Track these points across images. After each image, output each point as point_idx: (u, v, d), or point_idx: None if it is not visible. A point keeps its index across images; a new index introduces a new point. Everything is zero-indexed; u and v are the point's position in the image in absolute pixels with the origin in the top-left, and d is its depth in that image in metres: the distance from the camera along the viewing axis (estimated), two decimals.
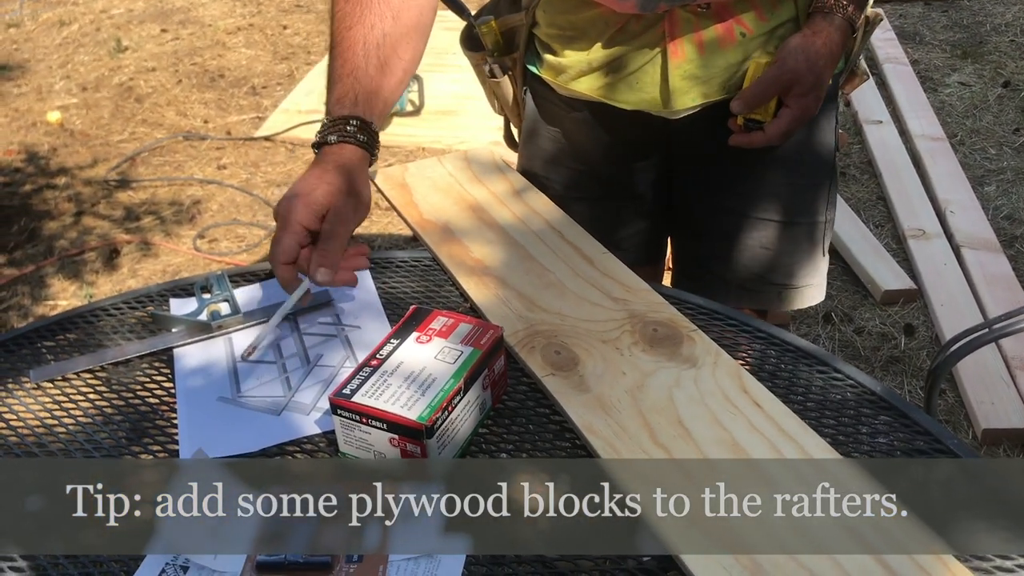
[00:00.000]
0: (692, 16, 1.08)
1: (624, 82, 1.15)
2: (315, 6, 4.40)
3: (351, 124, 0.96)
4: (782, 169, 1.20)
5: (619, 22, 1.11)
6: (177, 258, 2.67)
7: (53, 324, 1.04)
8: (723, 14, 1.08)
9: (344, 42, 0.99)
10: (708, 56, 1.10)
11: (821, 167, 1.22)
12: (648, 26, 1.10)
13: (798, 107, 1.09)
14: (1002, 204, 2.68)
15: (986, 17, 3.86)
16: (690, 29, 1.09)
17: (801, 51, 1.06)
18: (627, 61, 1.13)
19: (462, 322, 0.89)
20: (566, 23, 1.16)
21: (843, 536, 0.72)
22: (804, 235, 1.24)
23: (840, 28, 1.08)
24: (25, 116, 3.51)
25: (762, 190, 1.21)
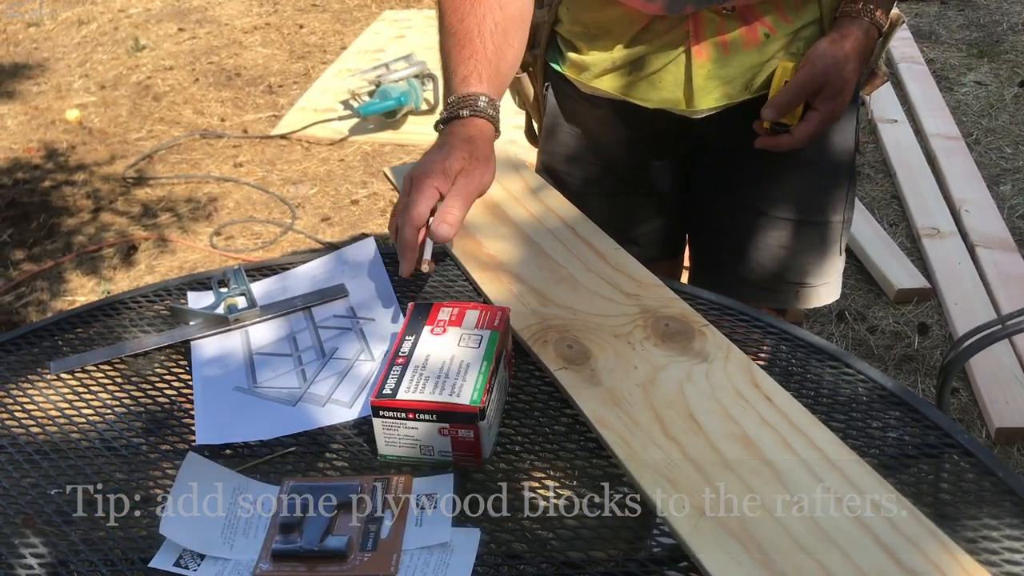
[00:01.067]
0: (717, 17, 1.09)
1: (647, 81, 1.16)
2: (331, 5, 4.42)
3: (481, 100, 1.00)
4: (801, 169, 1.20)
5: (643, 21, 1.12)
6: (194, 255, 2.70)
7: (73, 317, 1.05)
8: (748, 15, 1.09)
9: (459, 32, 1.04)
10: (731, 56, 1.11)
11: (840, 167, 1.22)
12: (672, 26, 1.10)
13: (826, 110, 1.09)
14: (1017, 203, 2.66)
15: (1003, 16, 3.84)
16: (715, 30, 1.09)
17: (830, 55, 1.07)
18: (650, 60, 1.14)
19: (468, 309, 0.91)
20: (590, 21, 1.17)
21: (854, 530, 0.72)
22: (821, 235, 1.24)
23: (867, 32, 1.08)
24: (44, 114, 3.55)
25: (781, 189, 1.22)
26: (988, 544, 0.74)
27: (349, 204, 2.90)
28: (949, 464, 0.83)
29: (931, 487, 0.80)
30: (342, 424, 0.88)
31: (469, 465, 0.82)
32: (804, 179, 1.21)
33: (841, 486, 0.76)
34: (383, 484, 0.79)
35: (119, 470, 0.85)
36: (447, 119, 1.01)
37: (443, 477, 0.81)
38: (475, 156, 0.97)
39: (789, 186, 1.21)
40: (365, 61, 3.68)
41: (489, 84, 1.02)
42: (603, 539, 0.75)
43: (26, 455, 0.87)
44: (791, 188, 1.21)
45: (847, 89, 1.09)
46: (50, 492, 0.82)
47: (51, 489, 0.83)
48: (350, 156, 3.14)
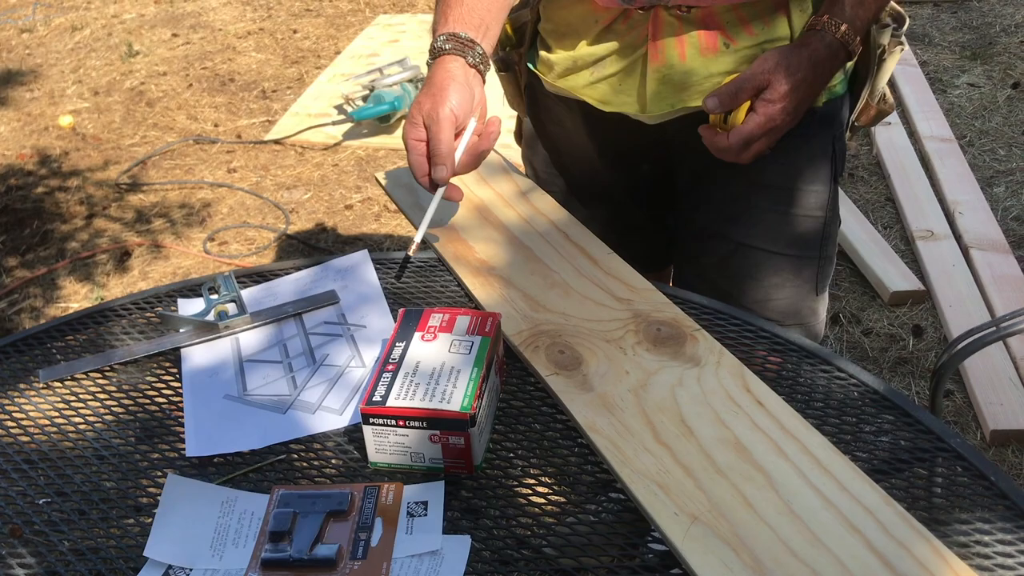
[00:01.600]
0: (675, 20, 1.07)
1: (606, 83, 1.15)
2: (325, 10, 4.42)
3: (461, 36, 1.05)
4: (771, 195, 1.15)
5: (606, 20, 1.11)
6: (187, 260, 2.69)
7: (62, 324, 1.05)
8: (709, 22, 1.06)
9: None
10: (689, 63, 1.08)
11: (816, 199, 1.16)
12: (633, 27, 1.09)
13: (764, 114, 1.01)
14: (1011, 205, 2.67)
15: (995, 18, 3.84)
16: (672, 33, 1.07)
17: (781, 56, 1.02)
18: (610, 61, 1.13)
19: (459, 315, 0.90)
20: (559, 18, 1.17)
21: (845, 534, 0.72)
22: (795, 270, 1.18)
23: (829, 46, 1.02)
24: (38, 120, 3.54)
25: (750, 215, 1.16)
26: (980, 548, 0.74)
27: (343, 209, 2.90)
28: (941, 468, 0.83)
29: (923, 491, 0.80)
30: (333, 431, 0.88)
31: (460, 472, 0.82)
32: (774, 207, 1.15)
33: (833, 491, 0.76)
34: (373, 492, 0.79)
35: (109, 479, 0.84)
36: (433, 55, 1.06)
37: (434, 484, 0.80)
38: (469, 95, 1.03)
39: (759, 212, 1.16)
40: (359, 66, 3.67)
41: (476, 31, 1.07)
42: (595, 546, 0.75)
43: (14, 464, 0.86)
44: (761, 215, 1.16)
45: (792, 96, 1.01)
46: (39, 502, 0.82)
47: (40, 499, 0.82)
48: (344, 161, 3.14)
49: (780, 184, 1.15)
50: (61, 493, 0.83)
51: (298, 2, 4.54)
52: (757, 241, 1.16)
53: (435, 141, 1.01)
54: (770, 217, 1.16)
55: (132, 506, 0.81)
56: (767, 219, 1.16)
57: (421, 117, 1.02)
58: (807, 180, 1.15)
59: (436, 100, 1.01)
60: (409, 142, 1.03)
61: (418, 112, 1.03)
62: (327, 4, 4.49)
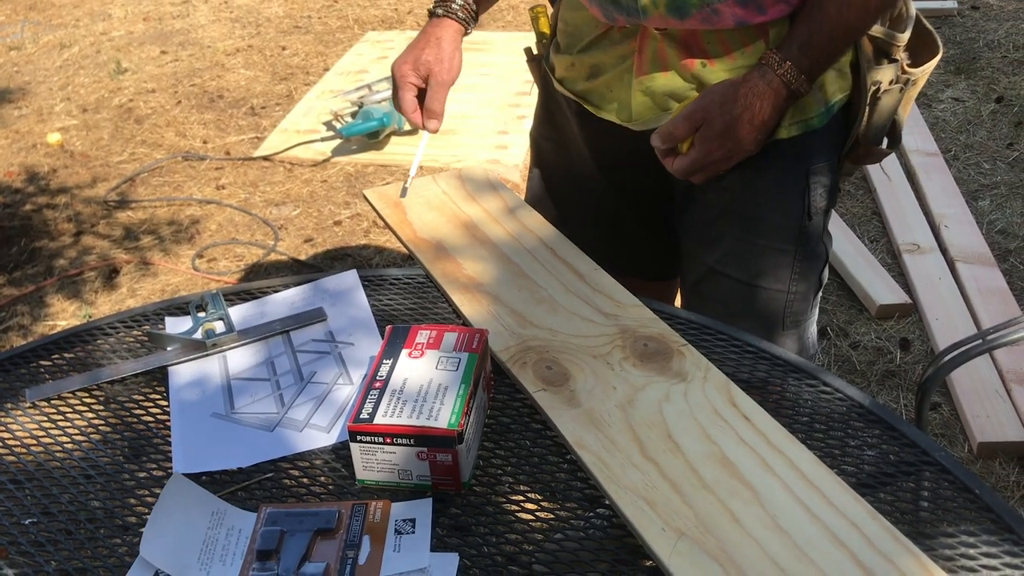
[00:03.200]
0: (659, 36, 1.09)
1: (599, 88, 1.17)
2: (313, 27, 4.43)
3: (456, 2, 1.22)
4: (740, 223, 1.15)
5: (604, 27, 1.13)
6: (176, 277, 2.68)
7: (49, 343, 1.05)
8: (690, 42, 1.08)
9: None
10: (668, 76, 1.10)
11: (783, 232, 1.14)
12: (626, 36, 1.12)
13: (701, 149, 1.05)
14: (996, 218, 2.69)
15: (979, 34, 3.88)
16: (656, 48, 1.09)
17: (719, 92, 1.03)
18: (604, 67, 1.16)
19: (446, 331, 0.91)
20: (570, 20, 1.20)
21: (831, 548, 0.72)
22: (761, 301, 1.17)
23: (770, 83, 1.02)
24: (26, 138, 3.53)
25: (722, 242, 1.17)
26: (965, 561, 0.74)
27: (332, 225, 2.90)
28: (927, 481, 0.83)
29: (909, 504, 0.81)
30: (320, 449, 0.88)
31: (448, 489, 0.82)
32: (741, 235, 1.15)
33: (819, 505, 0.76)
34: (361, 509, 0.79)
35: (96, 498, 0.84)
36: (431, 12, 1.23)
37: (422, 502, 0.80)
38: (440, 54, 1.20)
39: (727, 239, 1.16)
40: (348, 82, 3.68)
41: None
42: (583, 562, 0.75)
43: (0, 485, 0.86)
44: (728, 242, 1.16)
45: (729, 134, 1.03)
46: (25, 522, 0.82)
47: (26, 519, 0.82)
48: (333, 177, 3.14)
49: (748, 214, 1.15)
50: (47, 513, 0.82)
51: (287, 19, 4.56)
52: (726, 268, 1.17)
53: (433, 100, 1.20)
54: (739, 246, 1.16)
55: (119, 525, 0.81)
56: (736, 247, 1.16)
57: (421, 66, 1.19)
58: (774, 212, 1.14)
59: (443, 62, 1.19)
60: (404, 80, 1.20)
61: (417, 57, 1.20)
62: (316, 21, 4.51)
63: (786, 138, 1.10)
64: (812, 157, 1.13)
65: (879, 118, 1.12)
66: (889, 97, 1.11)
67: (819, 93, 1.09)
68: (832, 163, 1.16)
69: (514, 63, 3.80)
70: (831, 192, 1.17)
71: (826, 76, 1.09)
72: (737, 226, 1.15)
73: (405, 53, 1.21)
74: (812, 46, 1.02)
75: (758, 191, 1.13)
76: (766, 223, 1.14)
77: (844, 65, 1.10)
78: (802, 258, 1.16)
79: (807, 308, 1.20)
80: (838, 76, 1.10)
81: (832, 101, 1.11)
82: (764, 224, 1.15)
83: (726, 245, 1.16)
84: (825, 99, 1.10)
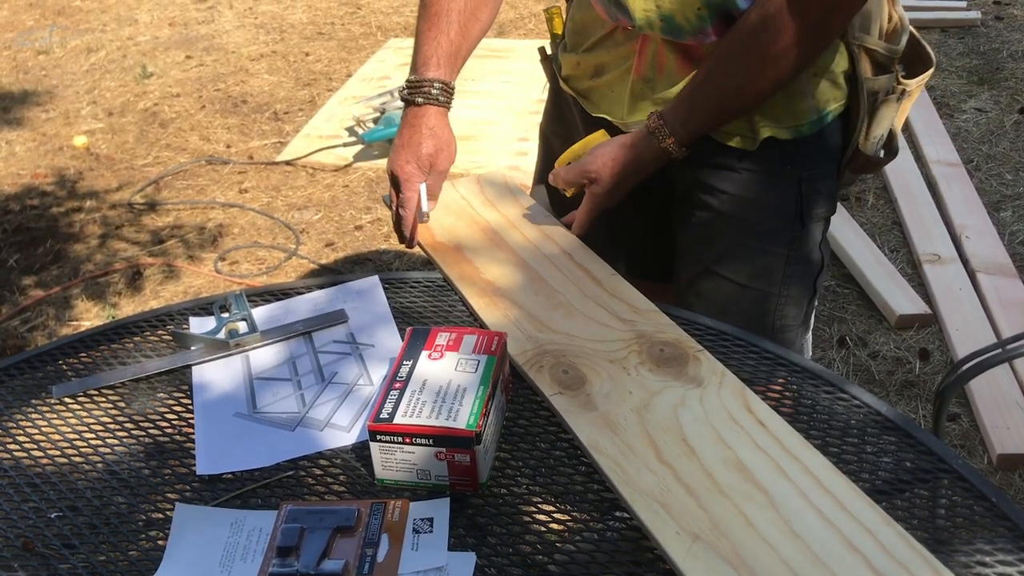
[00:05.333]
0: (660, 39, 1.10)
1: (600, 88, 1.19)
2: (337, 34, 4.47)
3: (435, 87, 1.18)
4: (736, 225, 1.17)
5: (609, 28, 1.15)
6: (199, 280, 2.71)
7: (76, 342, 1.07)
8: (689, 48, 1.09)
9: (430, 9, 1.18)
10: (664, 79, 1.12)
11: (776, 235, 1.17)
12: (629, 38, 1.13)
13: (591, 200, 1.14)
14: (1018, 230, 2.67)
15: (1003, 44, 3.86)
16: (655, 49, 1.11)
17: (613, 155, 1.11)
18: (606, 67, 1.18)
19: (466, 334, 0.92)
20: (578, 19, 1.22)
21: (846, 555, 0.73)
22: (751, 301, 1.19)
23: (654, 154, 1.10)
24: (52, 140, 3.58)
25: (718, 241, 1.18)
26: (981, 570, 0.74)
27: (353, 230, 2.92)
28: (943, 489, 0.83)
29: (925, 512, 0.81)
30: (340, 448, 0.89)
31: (466, 490, 0.83)
32: (734, 235, 1.17)
33: (834, 511, 0.77)
34: (380, 508, 0.80)
35: (120, 494, 0.85)
36: (407, 101, 1.19)
37: (440, 501, 0.82)
38: (439, 144, 1.18)
39: (721, 238, 1.18)
40: (370, 88, 3.71)
41: (446, 68, 1.18)
42: (598, 564, 0.76)
43: (27, 478, 0.88)
44: (722, 241, 1.18)
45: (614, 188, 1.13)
46: (51, 516, 0.83)
47: (52, 513, 0.84)
48: (354, 182, 3.17)
49: (742, 215, 1.16)
50: (73, 508, 0.84)
51: (310, 25, 4.60)
52: (721, 268, 1.19)
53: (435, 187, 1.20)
54: (733, 247, 1.18)
55: (143, 522, 0.82)
56: (730, 248, 1.18)
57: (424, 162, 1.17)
58: (767, 215, 1.16)
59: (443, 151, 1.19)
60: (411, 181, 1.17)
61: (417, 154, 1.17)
62: (339, 28, 4.54)
63: (778, 139, 1.11)
64: (806, 163, 1.15)
65: (878, 128, 1.14)
66: (887, 107, 1.13)
67: (810, 100, 1.11)
68: (831, 170, 1.18)
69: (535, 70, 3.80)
70: (829, 200, 1.18)
71: (818, 85, 1.10)
72: (732, 227, 1.17)
73: (401, 151, 1.18)
74: (692, 123, 1.08)
75: (753, 194, 1.15)
76: (759, 225, 1.17)
77: (837, 75, 1.11)
78: (795, 262, 1.18)
79: (799, 314, 1.22)
80: (831, 85, 1.11)
81: (825, 110, 1.12)
82: (758, 226, 1.17)
83: (720, 245, 1.19)
84: (817, 107, 1.11)
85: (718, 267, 1.19)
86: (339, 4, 4.84)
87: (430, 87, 1.17)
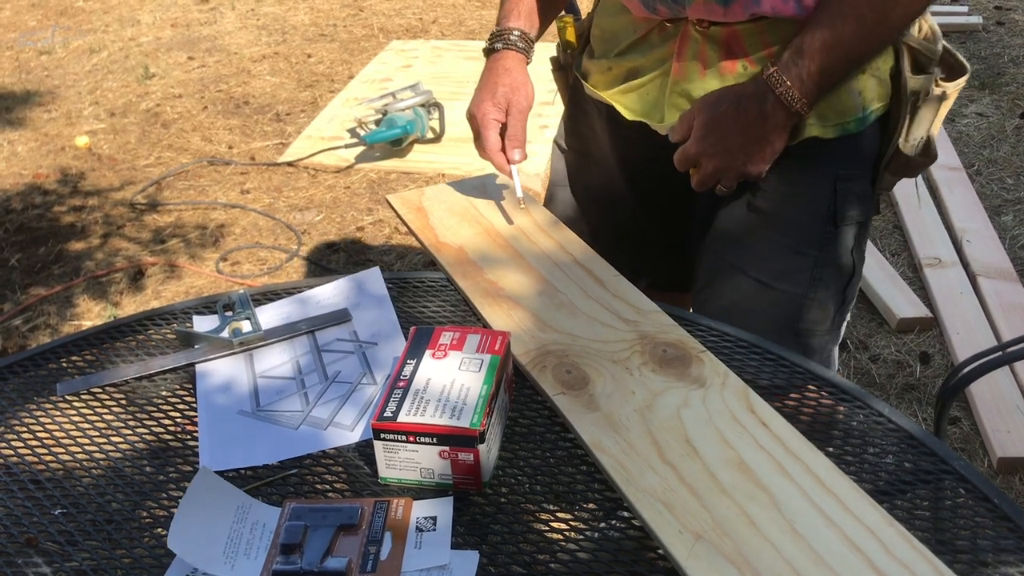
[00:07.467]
0: (700, 37, 1.10)
1: (635, 92, 1.19)
2: (339, 35, 4.47)
3: (514, 34, 1.24)
4: (764, 221, 1.15)
5: (643, 31, 1.15)
6: (200, 280, 2.72)
7: (79, 339, 1.07)
8: (732, 43, 1.09)
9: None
10: (706, 80, 1.11)
11: (805, 234, 1.15)
12: (665, 40, 1.13)
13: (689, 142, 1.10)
14: (1019, 234, 2.68)
15: (1004, 49, 3.87)
16: (695, 49, 1.11)
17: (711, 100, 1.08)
18: (642, 70, 1.17)
19: (469, 333, 0.92)
20: (606, 25, 1.22)
21: (849, 555, 0.73)
22: (774, 302, 1.16)
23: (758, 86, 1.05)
24: (55, 141, 3.59)
25: (745, 239, 1.17)
26: (983, 569, 0.74)
27: (354, 231, 2.92)
28: (945, 490, 0.84)
29: (927, 512, 0.81)
30: (344, 447, 0.89)
31: (469, 488, 0.83)
32: (763, 232, 1.16)
33: (836, 511, 0.77)
34: (383, 507, 0.80)
35: (123, 492, 0.86)
36: (488, 50, 1.25)
37: (443, 500, 0.82)
38: (515, 83, 1.21)
39: (749, 235, 1.17)
40: (372, 90, 3.72)
41: (526, 20, 1.25)
42: (602, 563, 0.76)
43: (31, 475, 0.88)
44: (750, 239, 1.17)
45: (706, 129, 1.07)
46: (54, 512, 0.83)
47: (55, 510, 0.84)
48: (356, 183, 3.17)
49: (771, 211, 1.15)
50: (76, 505, 0.84)
51: (312, 27, 4.61)
52: (745, 265, 1.17)
53: (515, 128, 1.20)
54: (761, 245, 1.16)
55: (146, 519, 0.83)
56: (758, 246, 1.16)
57: (500, 100, 1.20)
58: (798, 212, 1.14)
59: (520, 89, 1.21)
60: (487, 120, 1.21)
61: (493, 92, 1.21)
62: (341, 29, 4.55)
63: (820, 138, 1.10)
64: (843, 162, 1.14)
65: (918, 129, 1.14)
66: (927, 109, 1.12)
67: (857, 98, 1.10)
68: (865, 172, 1.16)
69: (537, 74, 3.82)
70: (862, 203, 1.16)
71: (865, 82, 1.10)
72: (762, 224, 1.16)
73: (479, 94, 1.22)
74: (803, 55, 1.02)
75: (787, 191, 1.14)
76: (789, 223, 1.15)
77: (884, 73, 1.11)
78: (823, 264, 1.15)
79: (826, 320, 1.18)
80: (877, 84, 1.11)
81: (869, 108, 1.12)
82: (789, 224, 1.15)
83: (747, 242, 1.17)
84: (863, 104, 1.11)
85: (744, 265, 1.17)
86: (341, 6, 4.85)
87: (509, 34, 1.23)
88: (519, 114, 1.20)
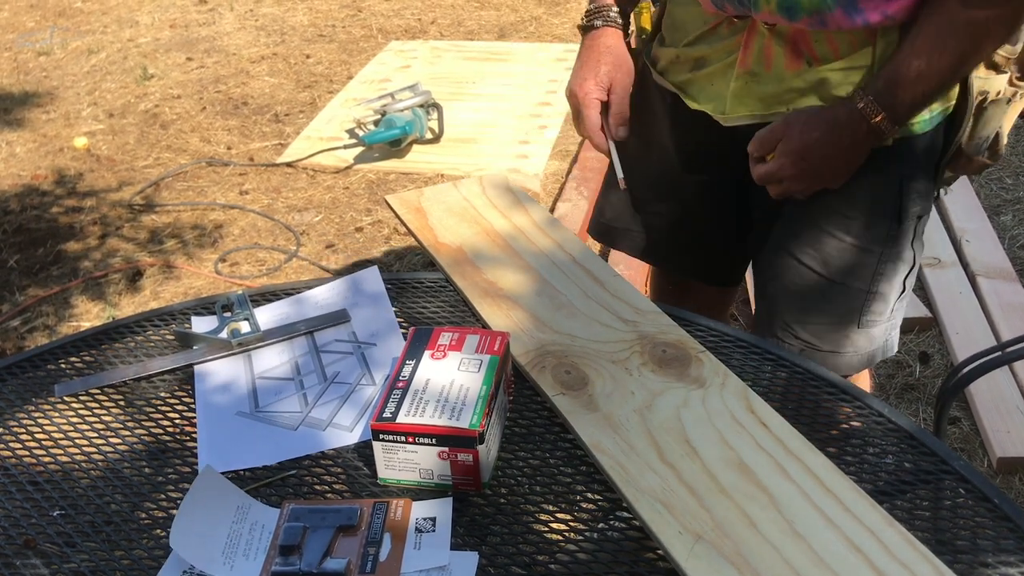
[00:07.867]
0: (767, 31, 1.10)
1: (700, 82, 1.19)
2: (337, 36, 4.47)
3: (612, 11, 1.24)
4: (831, 219, 1.16)
5: (713, 23, 1.15)
6: (198, 281, 2.71)
7: (78, 340, 1.07)
8: (798, 38, 1.09)
9: None
10: (771, 73, 1.11)
11: (872, 232, 1.16)
12: (734, 32, 1.13)
13: (776, 163, 1.11)
14: (1018, 234, 2.68)
15: None
16: (762, 43, 1.11)
17: (804, 115, 1.09)
18: (709, 61, 1.18)
19: (468, 334, 0.92)
20: (677, 15, 1.23)
21: (848, 554, 0.73)
22: (839, 297, 1.18)
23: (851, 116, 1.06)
24: (53, 141, 3.58)
25: (810, 234, 1.18)
26: (983, 570, 0.74)
27: (353, 231, 2.92)
28: (945, 490, 0.84)
29: (927, 513, 0.81)
30: (343, 448, 0.89)
31: (468, 489, 0.83)
32: (830, 230, 1.17)
33: (836, 511, 0.77)
34: (383, 507, 0.80)
35: (122, 493, 0.85)
36: (586, 27, 1.25)
37: (442, 501, 0.82)
38: (617, 60, 1.22)
39: (816, 232, 1.17)
40: (371, 91, 3.71)
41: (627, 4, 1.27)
42: (601, 563, 0.76)
43: (29, 477, 0.88)
44: (817, 236, 1.18)
45: (801, 154, 1.09)
46: (52, 514, 0.83)
47: (54, 511, 0.84)
48: (355, 184, 3.17)
49: (840, 210, 1.16)
50: (75, 506, 0.84)
51: (311, 28, 4.60)
52: (810, 260, 1.18)
53: (621, 105, 1.21)
54: (827, 240, 1.17)
55: (145, 520, 0.82)
56: (824, 241, 1.17)
57: (603, 79, 1.20)
58: (865, 211, 1.15)
59: (622, 67, 1.22)
60: (589, 99, 1.21)
61: (596, 71, 1.21)
62: (340, 30, 4.55)
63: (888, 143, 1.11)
64: (910, 162, 1.15)
65: (983, 129, 1.14)
66: (996, 108, 1.12)
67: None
68: (929, 169, 1.17)
69: (536, 74, 3.82)
70: (924, 199, 1.17)
71: None
72: (829, 221, 1.16)
73: (579, 72, 1.22)
74: (899, 85, 1.04)
75: (851, 188, 1.14)
76: (856, 221, 1.16)
77: None
78: (888, 260, 1.17)
79: (886, 310, 1.21)
80: None
81: (937, 110, 1.12)
82: (854, 223, 1.16)
83: (814, 238, 1.17)
84: (931, 107, 1.11)
85: (808, 259, 1.18)
86: (340, 6, 4.84)
87: (608, 11, 1.24)
88: (623, 91, 1.22)
